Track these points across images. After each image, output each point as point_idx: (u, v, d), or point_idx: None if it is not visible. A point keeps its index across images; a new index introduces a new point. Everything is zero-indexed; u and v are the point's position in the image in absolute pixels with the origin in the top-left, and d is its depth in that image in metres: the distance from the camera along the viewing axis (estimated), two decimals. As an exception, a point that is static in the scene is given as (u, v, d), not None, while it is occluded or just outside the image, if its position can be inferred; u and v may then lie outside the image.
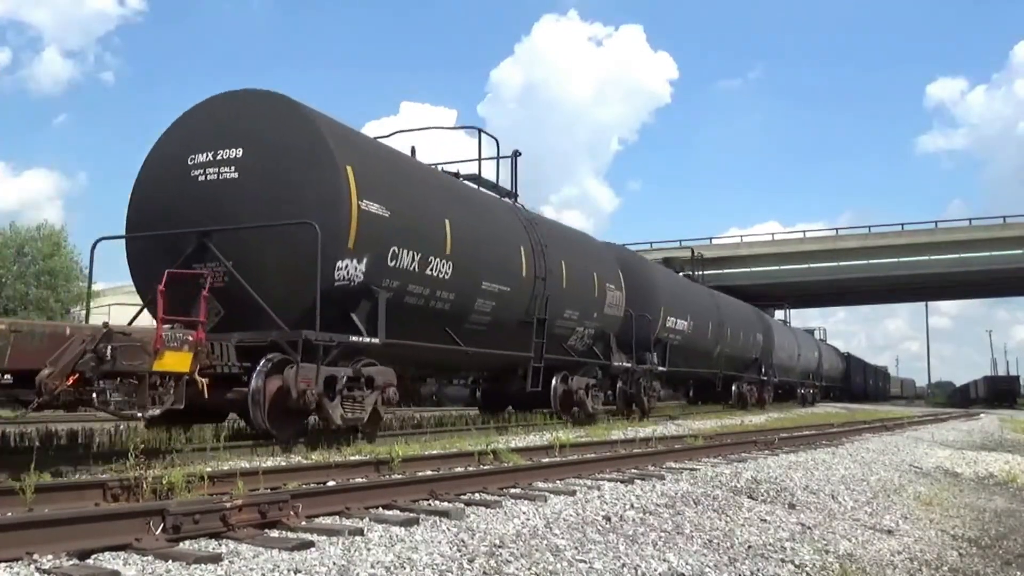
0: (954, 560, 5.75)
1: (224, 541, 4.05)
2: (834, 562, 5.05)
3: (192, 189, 9.22)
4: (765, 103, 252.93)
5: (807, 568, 4.83)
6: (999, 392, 60.10)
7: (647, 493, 6.35)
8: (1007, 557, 6.02)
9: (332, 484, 5.98)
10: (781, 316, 37.96)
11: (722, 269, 48.18)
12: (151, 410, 6.53)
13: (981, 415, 31.16)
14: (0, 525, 3.63)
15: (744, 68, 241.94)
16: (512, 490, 6.22)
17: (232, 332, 8.33)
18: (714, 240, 52.92)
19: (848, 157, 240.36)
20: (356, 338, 9.18)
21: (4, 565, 3.39)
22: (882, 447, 12.51)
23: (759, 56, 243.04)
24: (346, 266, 9.08)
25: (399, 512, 5.05)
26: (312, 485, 5.79)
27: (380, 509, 5.12)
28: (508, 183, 14.63)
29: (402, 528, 4.55)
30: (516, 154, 14.84)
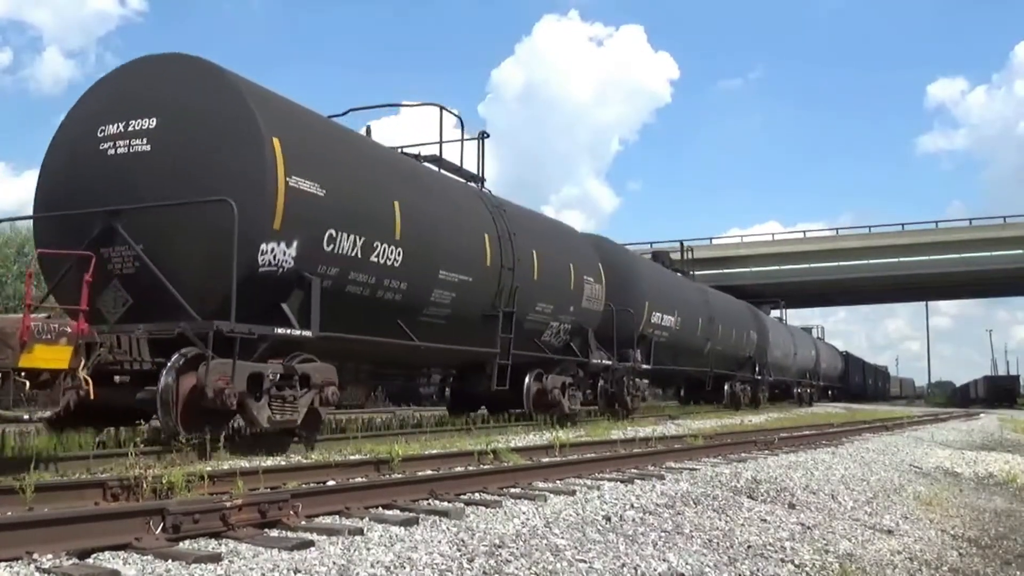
0: (954, 560, 5.75)
1: (224, 540, 4.05)
2: (834, 562, 5.05)
3: (101, 164, 8.26)
4: (766, 103, 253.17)
5: (807, 568, 4.83)
6: (999, 392, 60.05)
7: (647, 493, 6.35)
8: (1007, 557, 6.02)
9: (332, 484, 5.98)
10: (777, 315, 37.67)
11: (722, 269, 48.26)
12: (20, 413, 5.93)
13: (981, 415, 31.14)
14: (0, 524, 3.63)
15: (745, 68, 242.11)
16: (512, 490, 6.22)
17: (141, 324, 7.61)
18: (714, 240, 53.04)
19: (848, 157, 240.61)
20: (284, 330, 8.23)
21: (4, 564, 3.39)
22: (882, 447, 12.51)
23: (759, 56, 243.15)
24: (272, 250, 8.13)
25: (399, 512, 5.05)
26: (312, 485, 5.79)
27: (380, 509, 5.12)
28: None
29: (402, 528, 4.55)
30: (483, 135, 13.81)
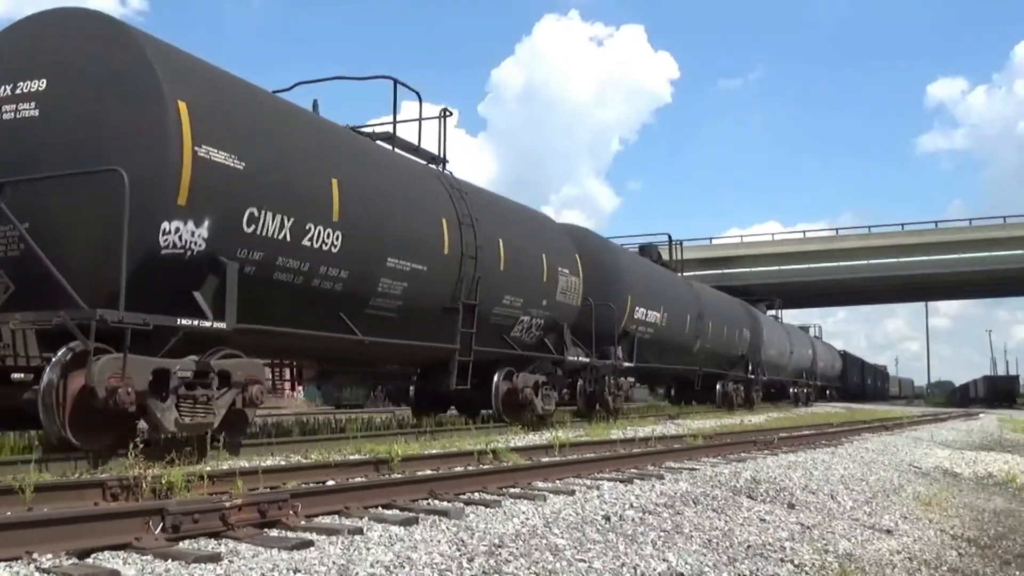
0: (953, 560, 5.75)
1: (223, 540, 4.05)
2: (833, 562, 5.05)
3: None
4: (766, 103, 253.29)
5: (806, 568, 4.83)
6: (998, 392, 60.04)
7: (646, 493, 6.35)
8: (1006, 557, 6.02)
9: (331, 483, 5.98)
10: (774, 313, 36.84)
11: (722, 269, 48.29)
12: None
13: (980, 415, 31.13)
14: (0, 524, 3.63)
15: (745, 68, 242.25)
16: (511, 489, 6.23)
17: (18, 313, 6.77)
18: (714, 240, 53.09)
19: (848, 157, 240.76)
20: (190, 321, 7.27)
21: (4, 564, 3.39)
22: (881, 447, 12.51)
23: (759, 56, 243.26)
24: (176, 230, 7.18)
25: (398, 511, 5.05)
26: (311, 484, 5.79)
27: (379, 508, 5.12)
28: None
29: (401, 527, 4.55)
30: (445, 113, 12.63)
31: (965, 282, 53.66)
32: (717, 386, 24.55)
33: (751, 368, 27.06)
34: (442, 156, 12.47)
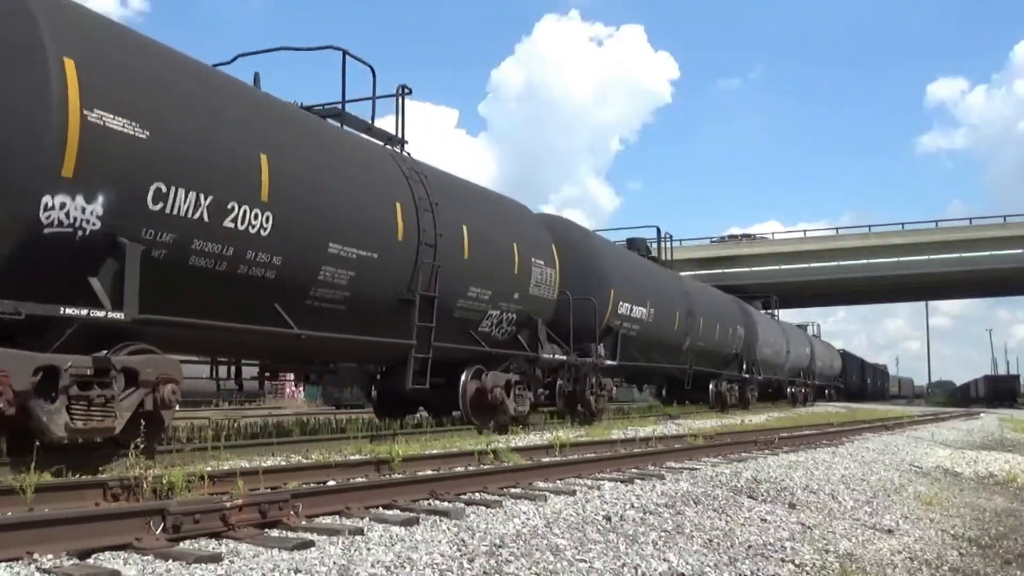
0: (954, 560, 5.75)
1: (224, 541, 4.05)
2: (834, 562, 5.05)
3: None
4: (766, 103, 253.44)
5: (807, 568, 4.83)
6: (999, 391, 60.10)
7: (647, 493, 6.35)
8: (1007, 556, 6.02)
9: (332, 484, 5.98)
10: (771, 312, 35.96)
11: (722, 269, 48.33)
12: None
13: (981, 414, 31.14)
14: (0, 525, 3.63)
15: (745, 68, 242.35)
16: (512, 490, 6.22)
17: None
18: (714, 240, 53.09)
19: (849, 157, 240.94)
20: (77, 311, 6.34)
21: (4, 565, 3.39)
22: (882, 447, 12.51)
23: (759, 56, 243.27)
24: (62, 206, 6.29)
25: (399, 512, 5.05)
26: (312, 485, 5.79)
27: (380, 509, 5.12)
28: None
29: (402, 528, 4.55)
30: (403, 90, 11.46)
31: (965, 282, 53.71)
32: (710, 385, 23.70)
33: (745, 367, 26.14)
34: (400, 136, 11.38)
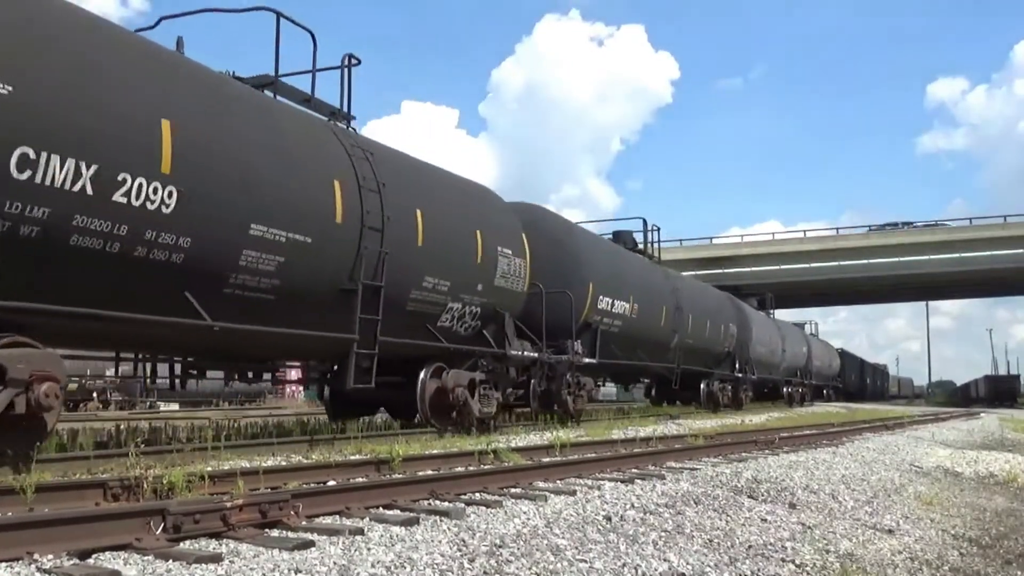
0: (955, 560, 5.75)
1: (224, 541, 4.05)
2: (835, 562, 5.05)
3: None
4: (766, 102, 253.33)
5: (808, 568, 4.83)
6: (999, 391, 60.13)
7: (648, 493, 6.35)
8: (1008, 556, 6.02)
9: (332, 484, 5.98)
10: (768, 311, 34.88)
11: (722, 269, 48.34)
12: None
13: (981, 414, 31.14)
14: (0, 525, 3.63)
15: (745, 68, 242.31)
16: (512, 490, 6.22)
17: None
18: (714, 240, 53.18)
19: (849, 157, 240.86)
20: None
21: (5, 565, 3.39)
22: (882, 447, 12.51)
23: (760, 56, 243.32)
24: None
25: (399, 512, 5.05)
26: (312, 485, 5.79)
27: (380, 509, 5.12)
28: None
29: (402, 528, 4.55)
30: (349, 60, 10.30)
31: (965, 282, 53.76)
32: (702, 385, 22.94)
33: (739, 366, 25.23)
34: (346, 111, 10.30)
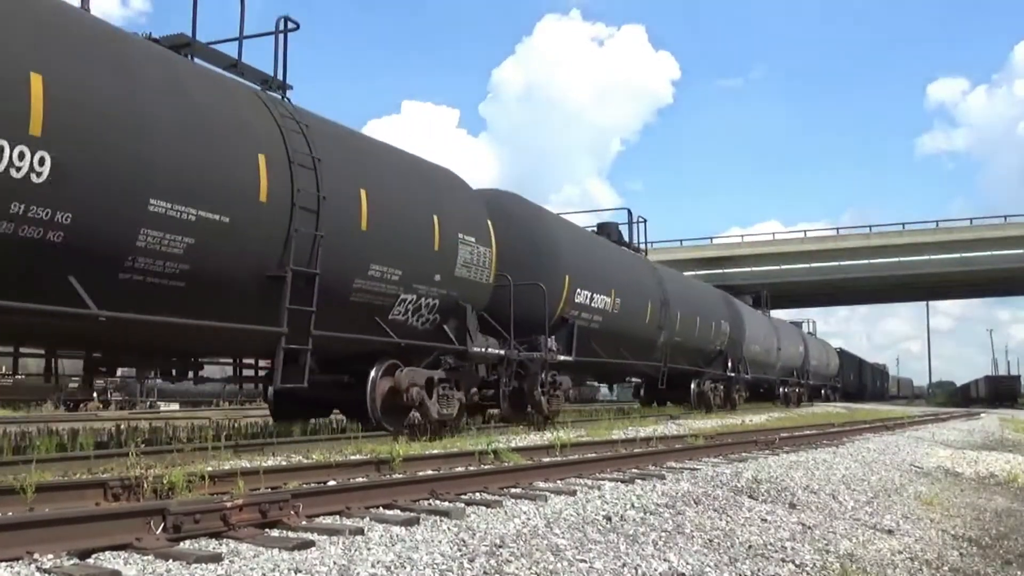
0: (955, 560, 5.75)
1: (225, 541, 4.05)
2: (835, 562, 5.05)
3: None
4: (766, 102, 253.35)
5: (808, 568, 4.83)
6: (1000, 392, 60.11)
7: (648, 493, 6.34)
8: (1008, 557, 6.02)
9: (333, 484, 5.98)
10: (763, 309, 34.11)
11: (722, 269, 48.37)
12: None
13: (982, 415, 31.12)
14: (0, 525, 3.63)
15: (745, 68, 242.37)
16: (513, 490, 6.22)
17: None
18: (714, 240, 53.23)
19: (849, 157, 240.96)
20: None
21: (5, 565, 3.39)
22: (883, 447, 12.51)
23: (760, 56, 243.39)
24: None
25: (400, 512, 5.05)
26: (313, 485, 5.79)
27: (381, 509, 5.12)
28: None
29: (403, 528, 4.55)
30: (286, 24, 9.27)
31: (965, 282, 53.81)
32: (692, 385, 22.13)
33: (731, 365, 24.32)
34: (281, 80, 9.33)
